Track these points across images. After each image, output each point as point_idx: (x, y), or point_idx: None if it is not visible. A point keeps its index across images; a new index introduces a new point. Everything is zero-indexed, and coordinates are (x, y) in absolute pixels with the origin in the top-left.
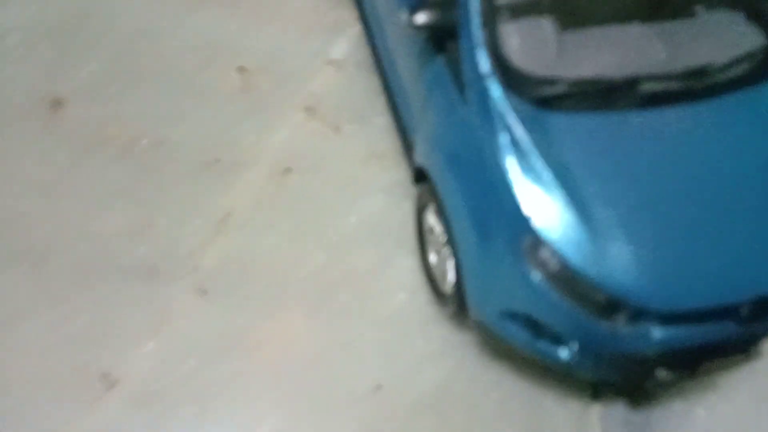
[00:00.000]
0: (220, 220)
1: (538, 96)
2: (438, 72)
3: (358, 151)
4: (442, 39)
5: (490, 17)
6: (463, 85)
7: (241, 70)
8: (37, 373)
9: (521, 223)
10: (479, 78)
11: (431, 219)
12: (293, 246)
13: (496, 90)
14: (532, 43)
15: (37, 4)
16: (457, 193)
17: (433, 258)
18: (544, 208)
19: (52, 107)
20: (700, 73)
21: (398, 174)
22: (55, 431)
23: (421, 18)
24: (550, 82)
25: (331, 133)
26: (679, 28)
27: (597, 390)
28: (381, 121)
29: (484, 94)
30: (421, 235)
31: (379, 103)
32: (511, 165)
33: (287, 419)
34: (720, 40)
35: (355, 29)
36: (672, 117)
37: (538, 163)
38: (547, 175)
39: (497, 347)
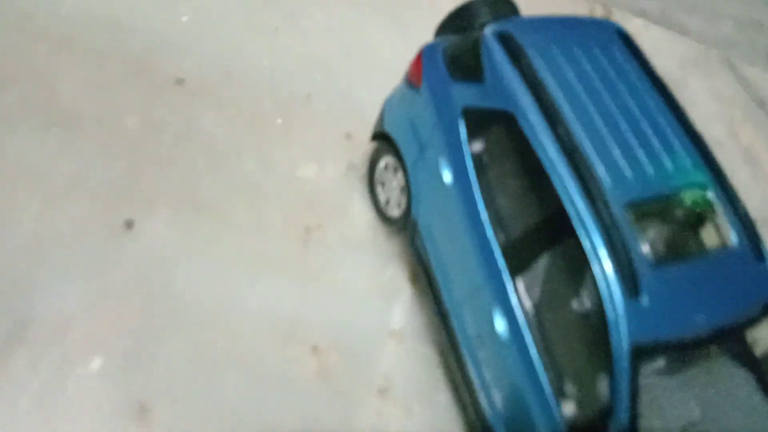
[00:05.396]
0: None
1: None
2: None
3: None
4: None
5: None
6: None
7: (315, 349)
8: None
9: None
10: None
11: None
12: None
13: None
14: None
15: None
16: None
17: None
18: None
19: (141, 411)
20: None
21: None
22: None
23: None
24: None
25: (404, 417)
26: None
27: None
28: (443, 397)
29: None
30: None
31: (438, 376)
32: None
33: None
34: None
35: (407, 293)
36: None
37: None
38: None
39: None
